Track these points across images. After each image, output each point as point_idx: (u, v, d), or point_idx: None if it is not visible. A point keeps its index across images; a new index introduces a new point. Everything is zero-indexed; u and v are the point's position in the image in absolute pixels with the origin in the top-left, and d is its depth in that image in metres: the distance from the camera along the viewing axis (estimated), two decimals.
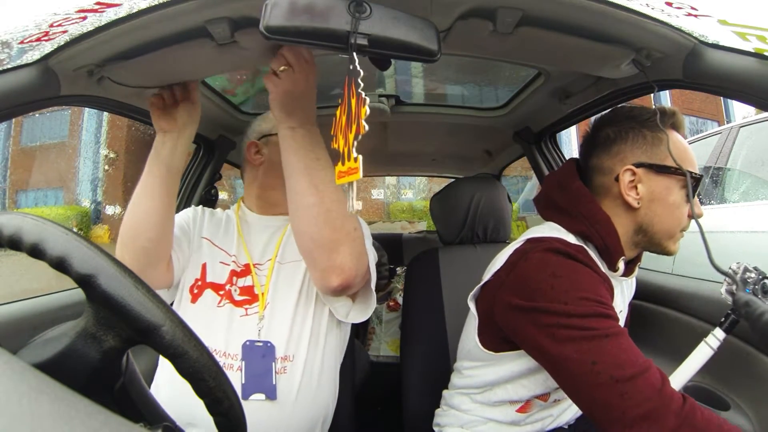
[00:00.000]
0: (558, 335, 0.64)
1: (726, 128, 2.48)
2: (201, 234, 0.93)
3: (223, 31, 0.75)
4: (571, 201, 0.80)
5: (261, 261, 0.89)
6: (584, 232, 0.78)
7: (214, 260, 0.89)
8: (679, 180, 0.75)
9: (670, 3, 0.66)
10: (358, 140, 0.58)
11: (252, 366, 0.78)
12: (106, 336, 0.38)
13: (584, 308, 0.64)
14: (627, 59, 0.82)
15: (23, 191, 11.09)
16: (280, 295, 0.85)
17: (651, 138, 0.77)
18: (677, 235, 0.78)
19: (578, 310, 0.64)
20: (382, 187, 14.46)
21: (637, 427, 0.57)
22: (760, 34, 0.63)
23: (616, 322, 0.65)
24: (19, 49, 0.71)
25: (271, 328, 0.82)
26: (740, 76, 0.68)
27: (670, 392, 0.58)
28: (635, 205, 0.76)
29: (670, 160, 0.74)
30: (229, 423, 0.40)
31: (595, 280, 0.69)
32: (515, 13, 0.73)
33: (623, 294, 0.88)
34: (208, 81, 1.24)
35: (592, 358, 0.61)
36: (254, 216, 0.96)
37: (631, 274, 0.84)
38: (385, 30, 0.60)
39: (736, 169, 2.31)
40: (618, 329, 0.64)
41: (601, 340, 0.62)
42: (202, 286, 0.86)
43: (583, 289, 0.66)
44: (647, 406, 0.57)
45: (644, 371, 0.59)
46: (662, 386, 0.58)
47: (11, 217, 0.38)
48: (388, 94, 1.52)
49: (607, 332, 0.62)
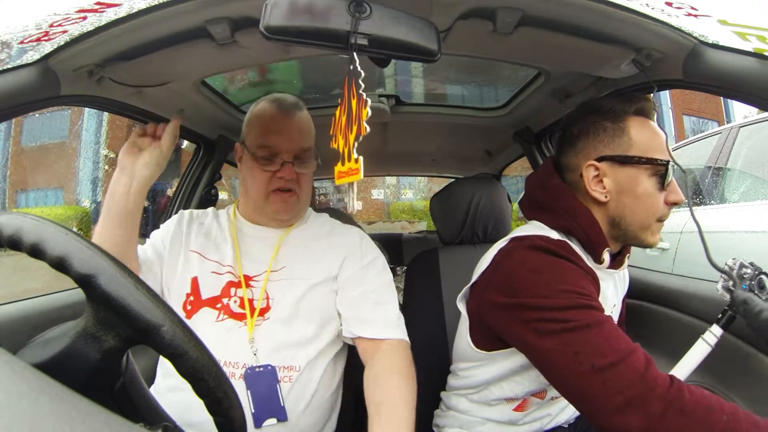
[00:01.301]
0: (541, 329, 0.65)
1: (726, 128, 2.48)
2: (189, 248, 0.87)
3: (223, 31, 0.75)
4: (550, 198, 0.81)
5: (258, 272, 0.85)
6: (566, 227, 0.78)
7: (206, 272, 0.84)
8: (647, 168, 0.73)
9: (670, 3, 0.66)
10: (359, 141, 0.58)
11: (258, 393, 0.76)
12: (106, 336, 0.38)
13: (565, 301, 0.65)
14: (627, 59, 0.82)
15: (23, 191, 11.09)
16: (277, 307, 0.82)
17: (612, 129, 0.76)
18: (653, 225, 0.75)
19: (559, 303, 0.65)
20: (382, 187, 14.46)
21: (621, 414, 0.56)
22: (760, 34, 0.63)
23: (598, 312, 0.65)
24: (19, 49, 0.71)
25: (267, 340, 0.79)
26: (740, 76, 0.68)
27: (653, 376, 0.57)
28: (603, 199, 0.76)
29: (635, 149, 0.73)
30: (229, 423, 0.40)
31: (577, 273, 0.69)
32: (515, 13, 0.73)
33: (616, 287, 0.86)
34: (208, 81, 1.24)
35: (574, 348, 0.61)
36: (248, 226, 0.92)
37: (621, 267, 0.82)
38: (385, 30, 0.60)
39: (736, 169, 2.31)
40: (600, 318, 0.64)
41: (582, 331, 0.62)
42: (196, 303, 0.82)
43: (563, 282, 0.66)
44: (630, 392, 0.57)
45: (626, 356, 0.59)
46: (646, 370, 0.58)
47: (11, 217, 0.38)
48: (388, 94, 1.52)
49: (588, 322, 0.63)
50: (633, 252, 0.86)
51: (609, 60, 0.84)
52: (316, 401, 0.82)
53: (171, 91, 1.06)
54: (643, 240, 0.76)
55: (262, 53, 0.91)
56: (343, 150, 0.60)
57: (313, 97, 1.59)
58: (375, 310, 0.84)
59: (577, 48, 0.81)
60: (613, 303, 0.85)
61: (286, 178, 0.85)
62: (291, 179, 0.86)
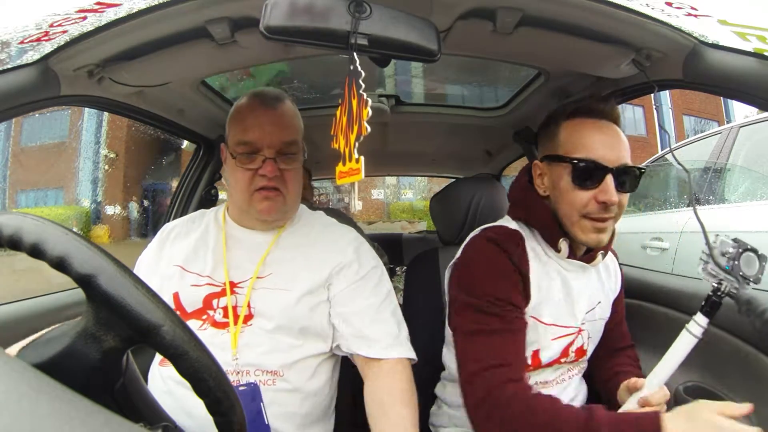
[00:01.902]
0: (463, 323, 0.79)
1: (726, 128, 2.48)
2: (173, 262, 0.83)
3: (223, 31, 0.75)
4: (515, 191, 0.92)
5: (244, 278, 0.81)
6: (522, 217, 0.86)
7: (185, 286, 0.80)
8: (567, 167, 0.78)
9: (670, 3, 0.66)
10: (360, 141, 0.58)
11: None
12: (106, 336, 0.38)
13: (484, 303, 0.76)
14: (627, 59, 0.82)
15: (23, 191, 11.09)
16: (259, 316, 0.78)
17: (549, 132, 0.84)
18: (579, 221, 0.78)
19: (480, 304, 0.76)
20: (382, 187, 14.46)
21: (472, 410, 0.73)
22: (760, 34, 0.63)
23: (502, 321, 0.76)
24: (19, 49, 0.71)
25: (248, 348, 0.76)
26: (740, 76, 0.68)
27: (505, 394, 0.69)
28: (542, 193, 0.84)
29: (561, 149, 0.80)
30: (229, 423, 0.40)
31: (506, 273, 0.78)
32: (515, 13, 0.73)
33: (601, 282, 0.90)
34: (208, 81, 1.24)
35: (470, 348, 0.76)
36: (236, 228, 0.87)
37: (593, 261, 0.85)
38: (385, 30, 0.60)
39: (736, 169, 2.31)
40: (497, 327, 0.75)
41: (479, 336, 0.75)
42: (182, 317, 0.77)
43: (489, 285, 0.77)
44: (480, 397, 0.71)
45: (490, 368, 0.72)
46: (502, 387, 0.70)
47: (11, 217, 0.38)
48: (388, 94, 1.52)
49: (491, 329, 0.75)
50: (633, 252, 0.86)
51: (609, 60, 0.84)
52: (305, 411, 0.79)
53: (171, 91, 1.06)
54: (575, 235, 0.80)
55: (262, 53, 0.91)
56: (344, 150, 0.60)
57: (314, 97, 1.60)
58: (374, 327, 0.80)
59: (577, 48, 0.81)
60: (598, 300, 0.88)
61: (269, 176, 0.79)
62: (275, 177, 0.79)
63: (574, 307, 0.83)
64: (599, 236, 0.78)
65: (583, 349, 0.87)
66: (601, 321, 0.90)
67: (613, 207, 0.76)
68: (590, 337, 0.88)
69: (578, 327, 0.84)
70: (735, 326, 0.83)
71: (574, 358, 0.86)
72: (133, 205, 11.52)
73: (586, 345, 0.87)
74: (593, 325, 0.88)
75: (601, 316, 0.89)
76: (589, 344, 0.89)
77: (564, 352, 0.84)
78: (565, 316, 0.82)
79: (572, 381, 0.89)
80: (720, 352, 0.84)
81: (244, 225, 0.87)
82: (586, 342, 0.87)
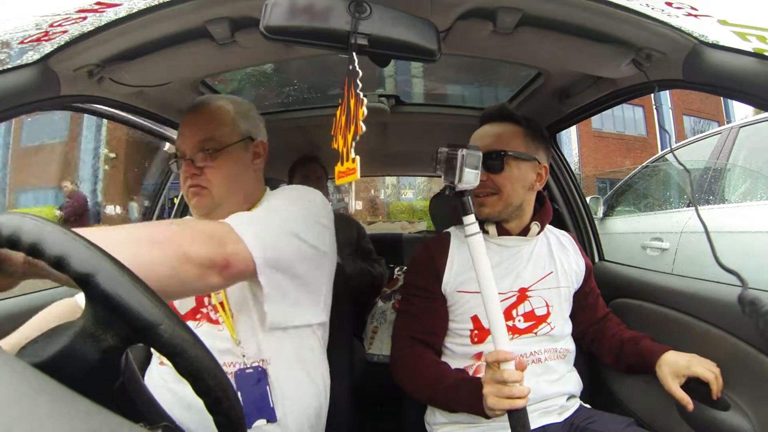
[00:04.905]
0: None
1: (726, 128, 2.48)
2: None
3: (223, 31, 0.75)
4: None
5: None
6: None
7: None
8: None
9: (670, 3, 0.66)
10: (357, 141, 0.58)
11: (248, 394, 0.75)
12: (105, 335, 0.38)
13: (408, 290, 1.01)
14: (627, 59, 0.82)
15: (23, 191, 11.09)
16: (237, 307, 0.80)
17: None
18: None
19: (407, 291, 1.01)
20: (382, 187, 14.47)
21: (390, 367, 0.97)
22: (760, 34, 0.63)
23: (410, 303, 0.98)
24: (19, 49, 0.71)
25: (238, 336, 0.79)
26: (740, 76, 0.68)
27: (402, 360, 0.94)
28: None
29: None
30: (229, 422, 0.40)
31: (426, 261, 0.98)
32: (515, 13, 0.73)
33: (551, 255, 1.00)
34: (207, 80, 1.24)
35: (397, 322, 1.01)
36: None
37: (528, 234, 0.97)
38: (385, 30, 0.60)
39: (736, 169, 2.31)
40: (408, 309, 0.98)
41: (401, 314, 1.00)
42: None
43: (412, 273, 1.02)
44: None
45: (394, 342, 0.99)
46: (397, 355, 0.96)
47: (10, 217, 0.38)
48: (388, 94, 1.52)
49: (404, 309, 0.99)
50: (632, 252, 0.87)
51: (609, 60, 0.84)
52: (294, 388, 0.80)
53: (171, 91, 1.06)
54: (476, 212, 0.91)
55: (262, 53, 0.91)
56: (342, 150, 0.60)
57: (313, 97, 1.60)
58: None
59: (577, 48, 0.81)
60: (548, 270, 0.97)
61: (186, 175, 0.83)
62: (193, 174, 0.82)
63: (513, 274, 0.95)
64: (481, 209, 0.94)
65: (536, 314, 0.93)
66: (563, 290, 0.98)
67: (487, 184, 0.92)
68: (551, 306, 0.94)
69: (516, 291, 0.94)
70: (735, 326, 0.83)
71: (524, 323, 0.92)
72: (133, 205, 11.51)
73: (540, 311, 0.93)
74: (550, 293, 0.96)
75: (557, 284, 0.97)
76: (553, 313, 0.94)
77: (506, 314, 0.90)
78: (500, 282, 0.87)
79: (554, 367, 0.92)
80: (720, 352, 0.84)
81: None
82: (542, 308, 0.94)
